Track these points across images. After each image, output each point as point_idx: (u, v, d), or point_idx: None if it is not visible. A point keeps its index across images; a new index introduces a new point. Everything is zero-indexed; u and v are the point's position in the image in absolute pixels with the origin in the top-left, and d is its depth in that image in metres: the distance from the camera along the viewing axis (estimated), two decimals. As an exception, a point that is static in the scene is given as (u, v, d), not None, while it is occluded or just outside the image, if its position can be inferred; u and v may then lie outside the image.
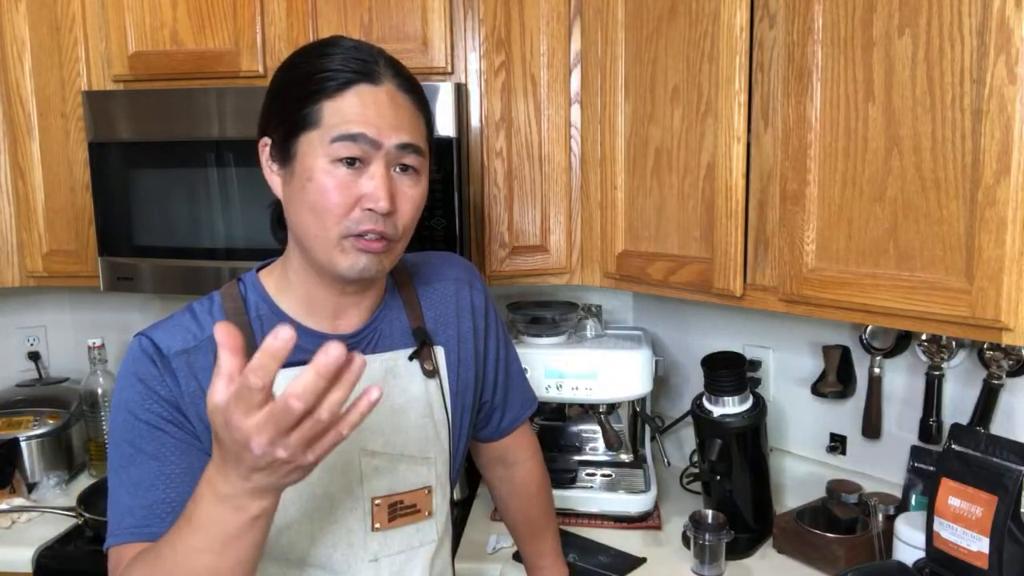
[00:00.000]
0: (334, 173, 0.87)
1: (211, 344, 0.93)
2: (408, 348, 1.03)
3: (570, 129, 1.60)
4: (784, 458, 1.65)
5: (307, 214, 0.89)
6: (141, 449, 0.89)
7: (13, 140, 1.71)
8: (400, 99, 0.90)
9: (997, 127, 0.91)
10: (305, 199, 0.88)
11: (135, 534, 0.87)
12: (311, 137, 0.87)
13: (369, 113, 0.87)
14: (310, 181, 0.87)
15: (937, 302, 0.99)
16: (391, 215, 0.89)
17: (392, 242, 0.91)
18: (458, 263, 1.15)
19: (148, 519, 0.87)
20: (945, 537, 1.12)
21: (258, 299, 0.97)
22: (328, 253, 0.89)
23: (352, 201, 0.87)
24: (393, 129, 0.88)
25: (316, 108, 0.87)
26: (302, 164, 0.88)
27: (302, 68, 0.90)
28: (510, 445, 1.23)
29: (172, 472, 0.89)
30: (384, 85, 0.88)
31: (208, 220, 1.56)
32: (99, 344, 1.83)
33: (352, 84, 0.87)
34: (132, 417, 0.90)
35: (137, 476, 0.89)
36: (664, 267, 1.42)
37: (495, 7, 1.55)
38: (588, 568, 1.38)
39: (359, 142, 0.86)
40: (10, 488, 1.67)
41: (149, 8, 1.59)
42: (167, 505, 0.87)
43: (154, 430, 0.89)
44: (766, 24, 1.21)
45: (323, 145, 0.87)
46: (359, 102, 0.87)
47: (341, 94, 0.87)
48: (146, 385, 0.90)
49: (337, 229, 0.88)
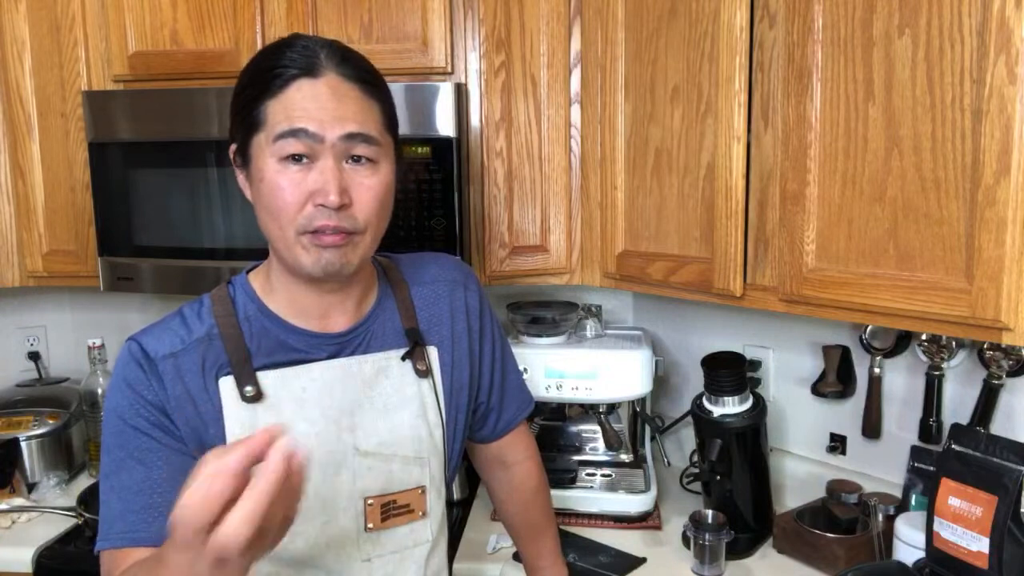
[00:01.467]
0: (283, 172, 0.87)
1: (198, 346, 0.93)
2: (401, 348, 1.03)
3: (570, 129, 1.60)
4: (784, 458, 1.65)
5: (265, 215, 0.90)
6: (129, 454, 0.90)
7: (13, 140, 1.71)
8: (344, 89, 0.88)
9: (997, 127, 0.91)
10: (260, 200, 0.89)
11: (125, 539, 0.88)
12: (259, 139, 0.88)
13: (309, 107, 0.86)
14: (262, 182, 0.88)
15: (937, 302, 0.99)
16: (346, 208, 0.88)
17: (354, 235, 0.90)
18: (453, 264, 1.15)
19: (136, 525, 0.88)
20: (945, 537, 1.12)
21: (247, 300, 0.97)
22: (291, 252, 0.89)
23: (303, 198, 0.87)
24: (336, 120, 0.87)
25: (262, 108, 0.87)
26: (256, 166, 0.89)
27: (251, 70, 0.90)
28: (507, 446, 1.23)
29: (158, 478, 0.90)
30: (324, 77, 0.87)
31: (208, 220, 1.56)
32: (99, 344, 1.83)
33: (292, 80, 0.87)
34: (121, 422, 0.91)
35: (126, 481, 0.90)
36: (664, 267, 1.42)
37: (495, 7, 1.55)
38: (588, 568, 1.38)
39: (300, 137, 0.86)
40: (10, 488, 1.67)
41: (149, 8, 1.59)
42: (153, 511, 0.88)
43: (141, 435, 0.90)
44: (766, 24, 1.21)
45: (269, 145, 0.87)
46: (300, 97, 0.86)
47: (283, 91, 0.87)
48: (134, 390, 0.91)
49: (293, 227, 0.88)
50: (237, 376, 0.93)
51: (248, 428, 0.92)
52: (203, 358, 0.93)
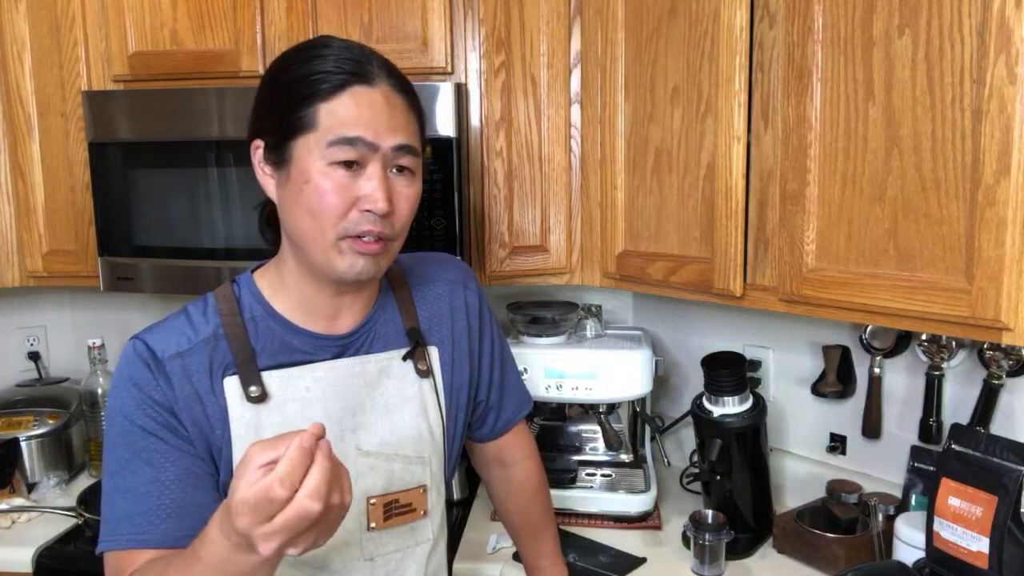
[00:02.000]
0: (331, 176, 0.86)
1: (204, 346, 0.93)
2: (402, 348, 1.03)
3: (570, 129, 1.60)
4: (784, 458, 1.65)
5: (304, 216, 0.89)
6: (136, 455, 0.89)
7: (13, 140, 1.71)
8: (395, 100, 0.89)
9: (997, 127, 0.91)
10: (302, 201, 0.88)
11: (132, 541, 0.87)
12: (307, 140, 0.87)
13: (365, 115, 0.86)
14: (307, 183, 0.87)
15: (937, 302, 0.99)
16: (388, 216, 0.89)
17: (389, 242, 0.91)
18: (452, 264, 1.15)
19: (144, 527, 0.87)
20: (945, 537, 1.12)
21: (252, 300, 0.97)
22: (326, 255, 0.89)
23: (350, 203, 0.87)
24: (389, 131, 0.88)
25: (311, 111, 0.86)
26: (298, 167, 0.88)
27: (294, 70, 0.89)
28: (507, 445, 1.23)
29: (166, 479, 0.89)
30: (379, 86, 0.88)
31: (208, 220, 1.56)
32: (99, 344, 1.83)
33: (346, 86, 0.86)
34: (127, 422, 0.90)
35: (133, 482, 0.89)
36: (664, 267, 1.42)
37: (495, 7, 1.55)
38: (588, 568, 1.38)
39: (356, 145, 0.86)
40: (10, 488, 1.67)
41: (149, 8, 1.59)
42: (162, 511, 0.88)
43: (149, 436, 0.90)
44: (766, 24, 1.21)
45: (319, 148, 0.86)
46: (355, 104, 0.86)
47: (336, 96, 0.86)
48: (141, 390, 0.90)
49: (335, 231, 0.88)
50: (242, 376, 0.93)
51: (253, 429, 0.92)
52: (210, 358, 0.93)
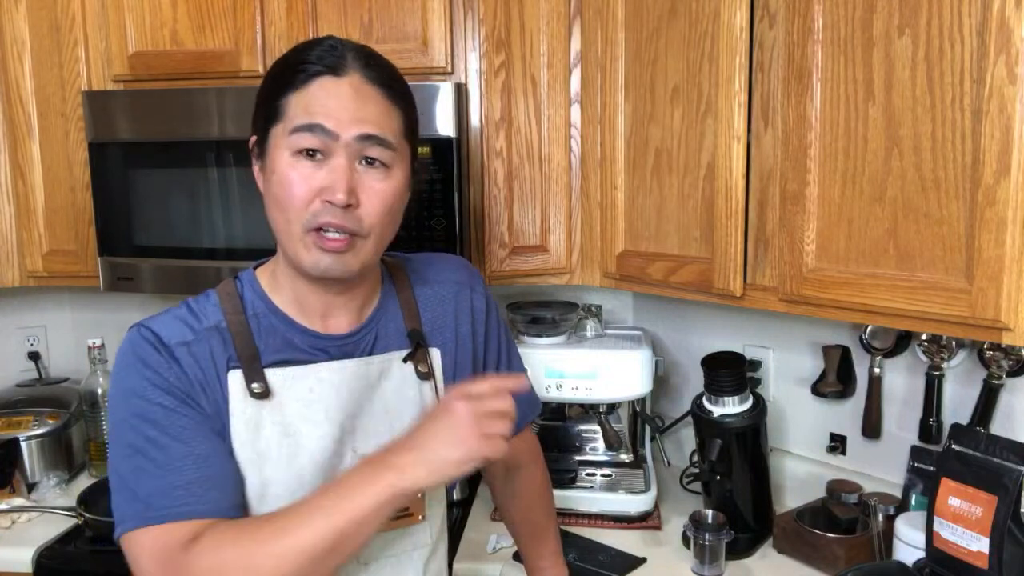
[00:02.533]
0: (296, 165, 0.87)
1: (208, 336, 0.92)
2: (403, 350, 1.02)
3: (570, 129, 1.60)
4: (784, 458, 1.65)
5: (274, 208, 0.90)
6: (164, 432, 0.86)
7: (13, 140, 1.71)
8: (367, 91, 0.88)
9: (997, 127, 0.91)
10: (271, 193, 0.90)
11: (178, 514, 0.84)
12: (277, 130, 0.88)
13: (330, 104, 0.86)
14: (274, 174, 0.88)
15: (937, 302, 0.99)
16: (352, 209, 0.87)
17: (357, 238, 0.89)
18: (459, 265, 1.13)
19: (186, 498, 0.84)
20: (945, 537, 1.12)
21: (254, 297, 0.96)
22: (294, 248, 0.89)
23: (312, 194, 0.87)
24: (354, 121, 0.87)
25: (283, 102, 0.88)
26: (270, 158, 0.89)
27: (279, 64, 0.91)
28: (513, 450, 1.22)
29: (201, 452, 0.87)
30: (348, 77, 0.88)
31: (208, 220, 1.56)
32: (99, 344, 1.83)
33: (316, 76, 0.87)
34: (144, 401, 0.87)
35: (162, 458, 0.85)
36: (664, 267, 1.42)
37: (495, 7, 1.55)
38: (588, 568, 1.38)
39: (316, 133, 0.86)
40: (10, 488, 1.67)
41: (149, 8, 1.59)
42: (205, 483, 0.86)
43: (171, 413, 0.87)
44: (766, 24, 1.21)
45: (285, 137, 0.87)
46: (322, 94, 0.87)
47: (305, 86, 0.87)
48: (154, 370, 0.88)
49: (299, 223, 0.87)
50: (246, 372, 0.92)
51: (252, 425, 0.91)
52: (213, 349, 0.91)
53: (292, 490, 0.92)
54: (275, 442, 0.92)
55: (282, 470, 0.92)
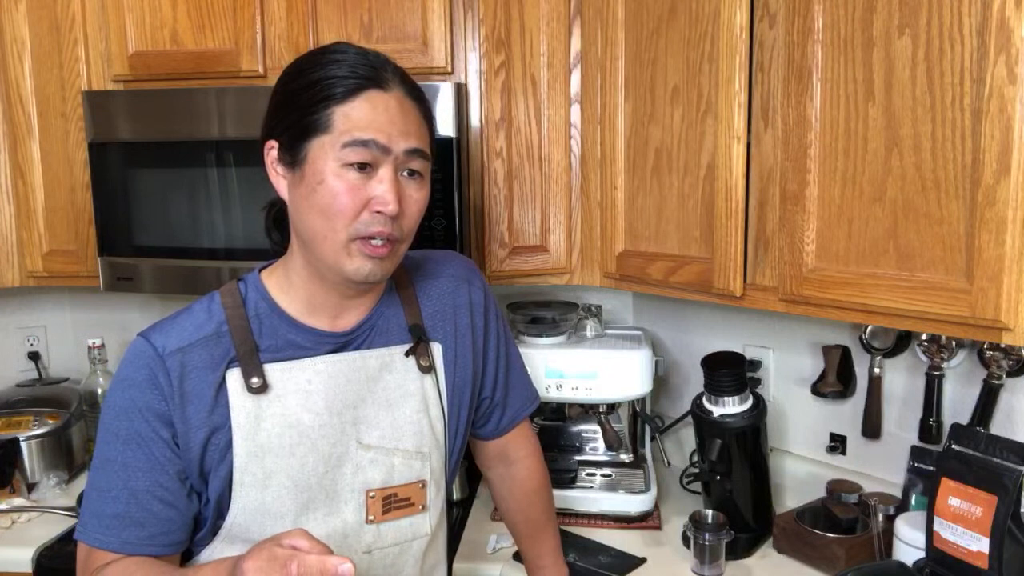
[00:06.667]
0: (345, 177, 0.89)
1: (207, 342, 0.95)
2: (404, 344, 1.04)
3: (570, 129, 1.60)
4: (784, 458, 1.65)
5: (316, 216, 0.90)
6: (116, 456, 0.93)
7: (13, 140, 1.71)
8: (408, 105, 0.92)
9: (997, 127, 0.91)
10: (315, 202, 0.90)
11: (98, 541, 0.93)
12: (322, 141, 0.89)
13: (380, 119, 0.89)
14: (321, 184, 0.89)
15: (937, 302, 0.99)
16: (398, 218, 0.91)
17: (396, 244, 0.94)
18: (458, 261, 1.16)
19: (108, 531, 0.93)
20: (945, 537, 1.12)
21: (258, 298, 0.99)
22: (335, 255, 0.91)
23: (361, 204, 0.89)
24: (402, 135, 0.90)
25: (327, 113, 0.89)
26: (312, 168, 0.90)
27: (310, 73, 0.91)
28: (511, 442, 1.24)
29: (136, 488, 0.93)
30: (393, 91, 0.91)
31: (208, 220, 1.56)
32: (99, 344, 1.83)
33: (362, 89, 0.89)
34: (117, 421, 0.94)
35: (107, 482, 0.93)
36: (664, 267, 1.42)
37: (495, 7, 1.55)
38: (588, 568, 1.38)
39: (370, 147, 0.88)
40: (10, 488, 1.67)
41: (149, 8, 1.59)
42: (127, 519, 0.92)
43: (130, 440, 0.93)
44: (766, 24, 1.21)
45: (334, 149, 0.88)
46: (370, 108, 0.89)
47: (352, 99, 0.89)
48: (138, 391, 0.93)
49: (346, 232, 0.90)
50: (244, 368, 0.95)
51: (253, 418, 0.94)
52: (211, 354, 0.95)
53: (295, 480, 0.96)
54: (276, 434, 0.95)
55: (284, 461, 0.96)
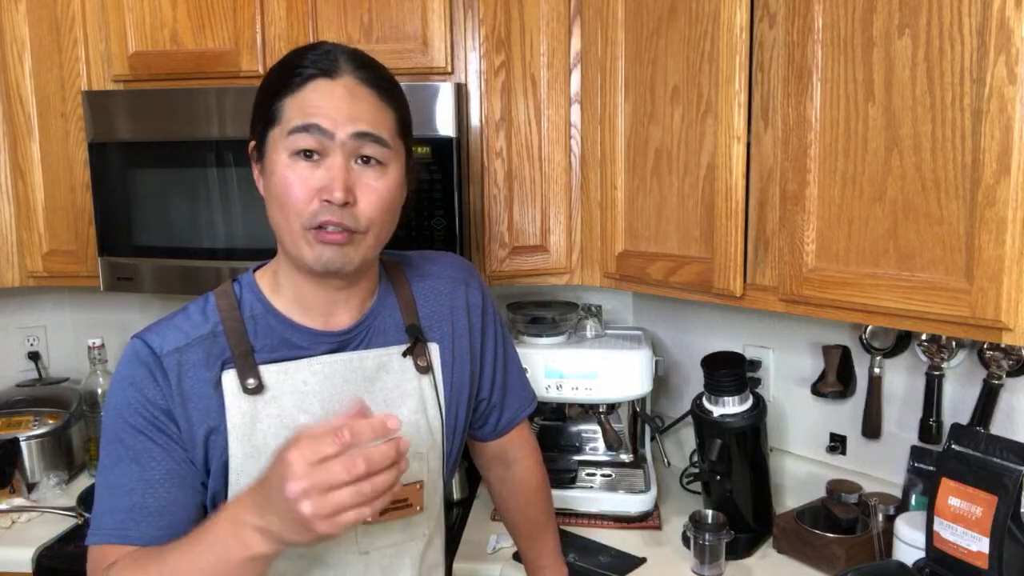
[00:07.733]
0: (293, 166, 0.89)
1: (202, 342, 0.95)
2: (402, 345, 1.04)
3: (570, 129, 1.60)
4: (784, 458, 1.65)
5: (276, 209, 0.92)
6: (126, 452, 0.92)
7: (13, 140, 1.71)
8: (360, 91, 0.91)
9: (997, 127, 0.91)
10: (271, 193, 0.92)
11: (114, 536, 0.90)
12: (275, 133, 0.91)
13: (325, 105, 0.89)
14: (273, 175, 0.91)
15: (937, 302, 0.99)
16: (350, 207, 0.90)
17: (356, 234, 0.91)
18: (455, 262, 1.16)
19: (126, 523, 0.90)
20: (945, 537, 1.12)
21: (252, 299, 0.99)
22: (296, 246, 0.92)
23: (311, 194, 0.89)
24: (349, 120, 0.89)
25: (279, 105, 0.90)
26: (268, 160, 0.92)
27: (275, 69, 0.93)
28: (509, 443, 1.24)
29: (152, 478, 0.92)
30: (341, 79, 0.90)
31: (208, 220, 1.56)
32: (99, 344, 1.83)
33: (312, 79, 0.90)
34: (120, 420, 0.93)
35: (119, 479, 0.92)
36: (664, 267, 1.42)
37: (495, 7, 1.55)
38: (588, 568, 1.38)
39: (312, 132, 0.88)
40: (10, 488, 1.67)
41: (149, 8, 1.59)
42: (144, 510, 0.90)
43: (139, 434, 0.92)
44: (766, 24, 1.21)
45: (283, 139, 0.90)
46: (316, 95, 0.89)
47: (300, 89, 0.90)
48: (137, 389, 0.93)
49: (299, 221, 0.90)
50: (239, 369, 0.95)
51: (249, 419, 0.94)
52: (207, 353, 0.95)
53: None
54: (272, 435, 0.95)
55: None
